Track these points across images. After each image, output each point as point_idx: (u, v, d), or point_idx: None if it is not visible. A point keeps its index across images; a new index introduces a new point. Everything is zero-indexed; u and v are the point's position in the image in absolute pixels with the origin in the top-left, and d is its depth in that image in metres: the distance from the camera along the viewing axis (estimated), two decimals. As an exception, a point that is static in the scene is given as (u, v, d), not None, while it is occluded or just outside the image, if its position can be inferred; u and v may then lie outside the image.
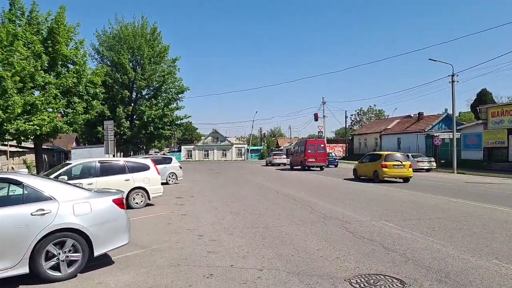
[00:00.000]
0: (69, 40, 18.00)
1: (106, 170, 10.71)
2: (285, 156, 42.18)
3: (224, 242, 6.57)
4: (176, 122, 36.97)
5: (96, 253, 5.05)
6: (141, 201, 11.14)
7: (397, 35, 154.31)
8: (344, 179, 20.58)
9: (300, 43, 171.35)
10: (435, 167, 26.68)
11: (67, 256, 4.82)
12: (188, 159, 73.43)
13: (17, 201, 4.81)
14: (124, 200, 5.66)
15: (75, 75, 17.28)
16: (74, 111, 17.37)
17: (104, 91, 21.91)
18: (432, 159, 27.27)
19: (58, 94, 15.92)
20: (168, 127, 35.59)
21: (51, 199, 4.87)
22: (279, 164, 39.24)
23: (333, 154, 37.39)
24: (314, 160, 29.15)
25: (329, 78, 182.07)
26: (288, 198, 12.62)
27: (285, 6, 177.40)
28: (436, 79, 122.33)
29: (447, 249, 5.82)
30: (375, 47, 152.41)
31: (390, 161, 17.94)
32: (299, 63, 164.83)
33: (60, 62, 17.20)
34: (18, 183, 4.90)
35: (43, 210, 4.70)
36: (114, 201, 5.37)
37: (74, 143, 52.40)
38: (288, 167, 35.13)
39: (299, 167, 30.74)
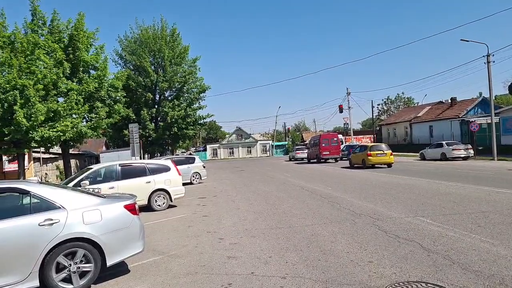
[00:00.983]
0: (89, 46, 18.16)
1: (127, 173, 10.58)
2: (306, 151, 41.84)
3: (245, 246, 6.15)
4: (199, 122, 37.00)
5: (109, 263, 4.77)
6: (163, 203, 10.94)
7: (424, 15, 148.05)
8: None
9: (320, 35, 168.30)
10: (472, 155, 25.04)
11: (79, 267, 4.56)
12: (213, 158, 73.85)
13: (24, 211, 4.58)
14: (137, 205, 5.33)
15: (96, 80, 17.41)
16: (97, 115, 17.53)
17: (125, 94, 22.06)
18: (469, 146, 25.58)
19: (81, 99, 16.04)
20: (192, 127, 35.67)
21: (60, 208, 4.62)
22: (302, 159, 39.68)
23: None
24: (328, 152, 31.19)
25: (353, 68, 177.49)
26: (313, 194, 12.04)
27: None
28: (468, 61, 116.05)
29: (498, 248, 5.10)
30: (400, 31, 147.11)
31: (374, 151, 22.08)
32: (321, 55, 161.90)
33: (81, 68, 17.40)
34: (25, 192, 4.69)
35: (51, 219, 4.46)
36: (126, 207, 5.06)
37: (103, 147, 53.96)
38: (306, 161, 37.01)
39: (315, 160, 32.98)
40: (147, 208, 10.73)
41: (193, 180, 19.43)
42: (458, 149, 24.90)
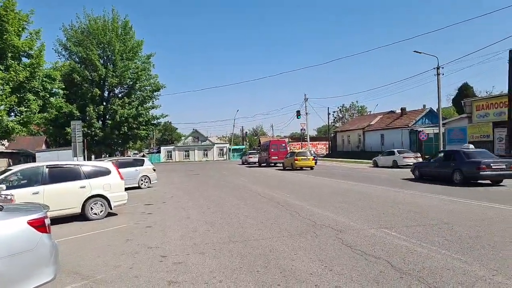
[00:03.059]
0: (21, 30, 15.91)
1: (57, 176, 9.05)
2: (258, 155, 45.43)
3: (191, 266, 5.17)
4: (153, 122, 35.13)
5: (4, 298, 3.57)
6: (101, 211, 9.55)
7: (379, 29, 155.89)
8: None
9: (279, 38, 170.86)
10: (421, 163, 25.92)
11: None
12: (168, 160, 71.22)
13: None
14: (47, 220, 4.13)
15: (28, 69, 15.26)
16: (28, 109, 15.37)
17: (67, 88, 19.89)
18: (419, 154, 26.55)
19: (7, 89, 13.89)
20: (144, 127, 33.72)
21: None
22: (254, 163, 42.08)
23: (312, 151, 36.79)
24: (276, 157, 33.73)
25: (311, 74, 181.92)
26: (271, 201, 11.30)
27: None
28: (417, 73, 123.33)
29: (473, 267, 4.60)
30: (358, 42, 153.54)
31: (300, 156, 27.49)
32: (280, 59, 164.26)
33: (10, 54, 15.17)
34: None
35: None
36: (31, 222, 3.87)
37: (43, 145, 49.58)
38: (257, 164, 39.53)
39: (265, 164, 35.74)
40: (81, 217, 9.31)
41: (142, 184, 17.91)
42: (408, 157, 25.69)
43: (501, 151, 25.05)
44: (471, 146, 17.11)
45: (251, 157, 43.66)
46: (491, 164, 13.55)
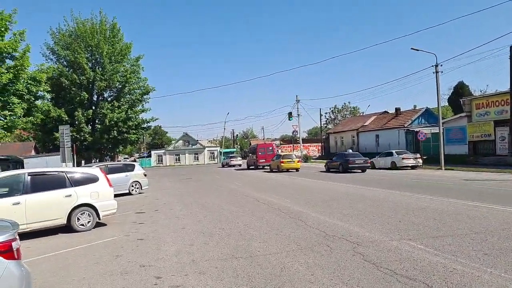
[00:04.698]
0: (4, 30, 14.94)
1: (40, 184, 8.17)
2: (240, 158, 48.63)
3: (191, 291, 4.36)
4: (143, 126, 34.18)
5: None
6: (88, 222, 8.67)
7: (371, 27, 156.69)
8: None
9: (272, 39, 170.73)
10: (421, 164, 25.43)
11: None
12: (159, 164, 69.93)
13: None
14: (16, 243, 3.30)
15: (11, 70, 14.27)
16: (12, 113, 14.37)
17: (53, 91, 18.90)
18: (418, 155, 25.98)
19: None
20: (134, 131, 32.73)
21: None
22: (234, 165, 44.38)
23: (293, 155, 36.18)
24: (264, 160, 34.18)
25: (303, 75, 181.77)
26: (270, 207, 10.53)
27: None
28: (412, 72, 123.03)
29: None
30: (350, 42, 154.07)
31: (285, 159, 28.58)
32: (272, 60, 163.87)
33: (-8, 55, 14.21)
34: None
35: None
36: (-8, 248, 3.04)
37: (33, 151, 48.07)
38: (245, 167, 39.88)
39: (253, 166, 36.01)
40: (67, 228, 8.43)
41: (132, 190, 16.99)
42: (407, 158, 25.12)
43: (503, 151, 24.69)
44: (350, 150, 31.69)
45: (232, 160, 46.38)
46: (355, 160, 24.20)
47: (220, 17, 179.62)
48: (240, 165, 45.30)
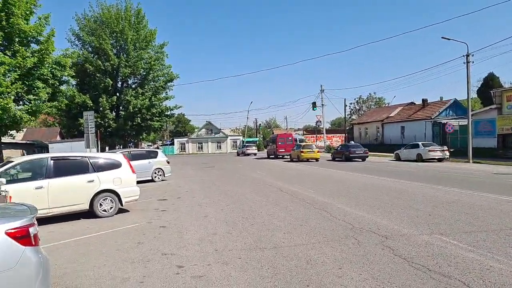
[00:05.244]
0: (29, 14, 15.09)
1: (63, 169, 8.24)
2: (255, 147, 49.87)
3: (214, 281, 4.24)
4: (166, 113, 34.41)
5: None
6: (111, 208, 8.73)
7: (401, 19, 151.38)
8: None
9: (297, 28, 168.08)
10: (448, 157, 24.46)
11: None
12: (181, 152, 70.86)
13: None
14: (33, 228, 3.20)
15: (36, 54, 14.44)
16: (37, 97, 14.60)
17: (78, 76, 19.11)
18: (445, 147, 24.99)
19: (14, 76, 13.09)
20: (157, 118, 33.03)
21: None
22: (249, 154, 45.98)
23: (313, 145, 35.52)
24: (284, 150, 35.27)
25: (329, 64, 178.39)
26: (294, 198, 10.32)
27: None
28: (442, 62, 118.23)
29: None
30: (377, 29, 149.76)
31: (306, 149, 29.56)
32: (297, 48, 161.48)
33: (17, 39, 14.38)
34: None
35: None
36: (10, 233, 2.97)
37: (58, 137, 49.65)
38: (263, 156, 41.54)
39: (273, 156, 37.06)
40: (89, 214, 8.52)
41: (155, 177, 17.16)
42: (434, 151, 24.22)
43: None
44: (352, 142, 36.29)
45: (248, 149, 47.35)
46: (356, 151, 27.38)
47: (249, 7, 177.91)
48: (255, 154, 46.72)
